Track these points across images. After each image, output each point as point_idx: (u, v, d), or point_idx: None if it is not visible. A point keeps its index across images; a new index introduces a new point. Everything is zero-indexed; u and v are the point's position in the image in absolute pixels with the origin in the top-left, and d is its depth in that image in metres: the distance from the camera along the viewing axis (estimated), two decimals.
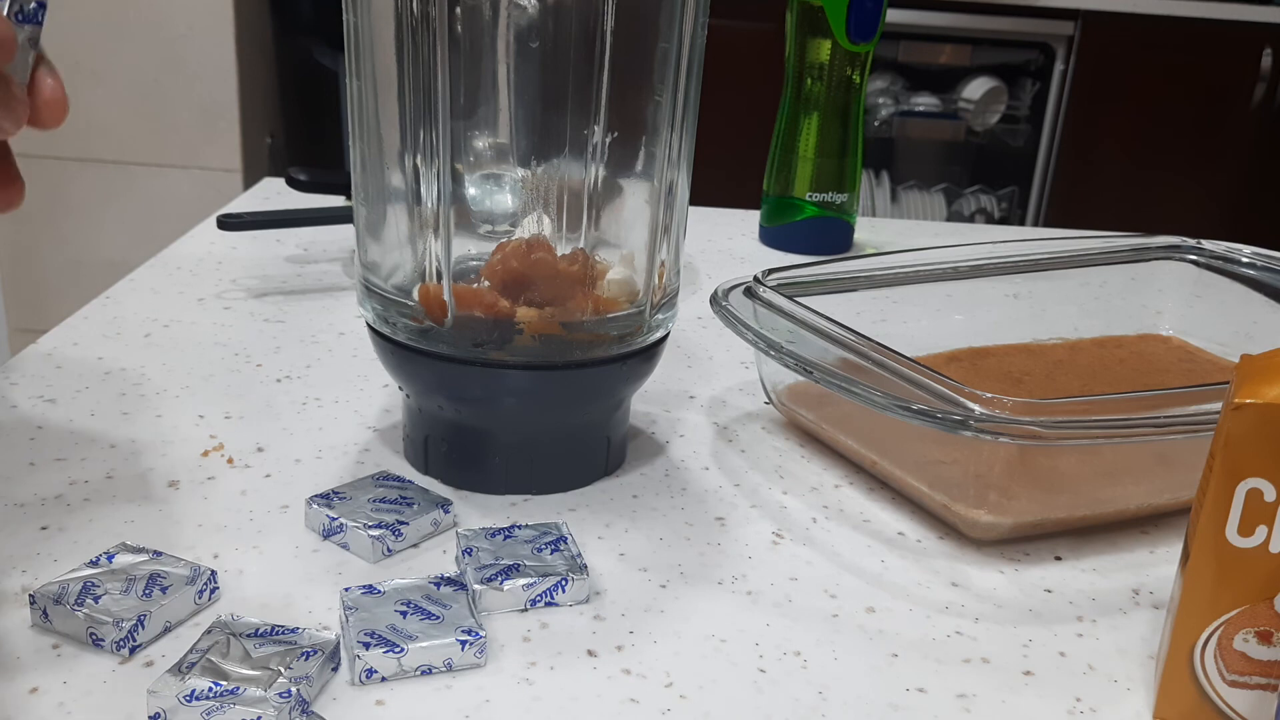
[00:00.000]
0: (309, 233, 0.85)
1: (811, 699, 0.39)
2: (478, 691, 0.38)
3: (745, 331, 0.53)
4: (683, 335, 0.71)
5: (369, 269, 0.50)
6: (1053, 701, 0.39)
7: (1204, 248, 0.71)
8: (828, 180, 0.87)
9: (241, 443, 0.54)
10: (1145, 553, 0.49)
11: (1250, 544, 0.35)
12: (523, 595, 0.42)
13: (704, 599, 0.44)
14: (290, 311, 0.71)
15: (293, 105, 2.37)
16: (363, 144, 0.49)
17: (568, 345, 0.48)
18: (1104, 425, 0.45)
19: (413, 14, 0.44)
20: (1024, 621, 0.44)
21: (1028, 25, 2.40)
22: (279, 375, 0.61)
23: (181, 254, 0.80)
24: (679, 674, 0.39)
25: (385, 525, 0.45)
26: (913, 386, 0.47)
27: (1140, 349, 0.68)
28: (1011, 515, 0.48)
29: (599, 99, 0.46)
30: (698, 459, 0.55)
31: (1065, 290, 0.69)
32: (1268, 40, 2.38)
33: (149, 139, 2.09)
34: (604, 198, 0.49)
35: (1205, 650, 0.36)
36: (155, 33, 2.03)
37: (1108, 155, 2.47)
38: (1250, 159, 2.48)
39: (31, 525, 0.46)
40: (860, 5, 0.82)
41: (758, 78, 1.87)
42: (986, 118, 2.55)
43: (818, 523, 0.50)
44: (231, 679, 0.36)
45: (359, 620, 0.39)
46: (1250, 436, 0.34)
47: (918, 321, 0.64)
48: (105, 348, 0.64)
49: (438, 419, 0.50)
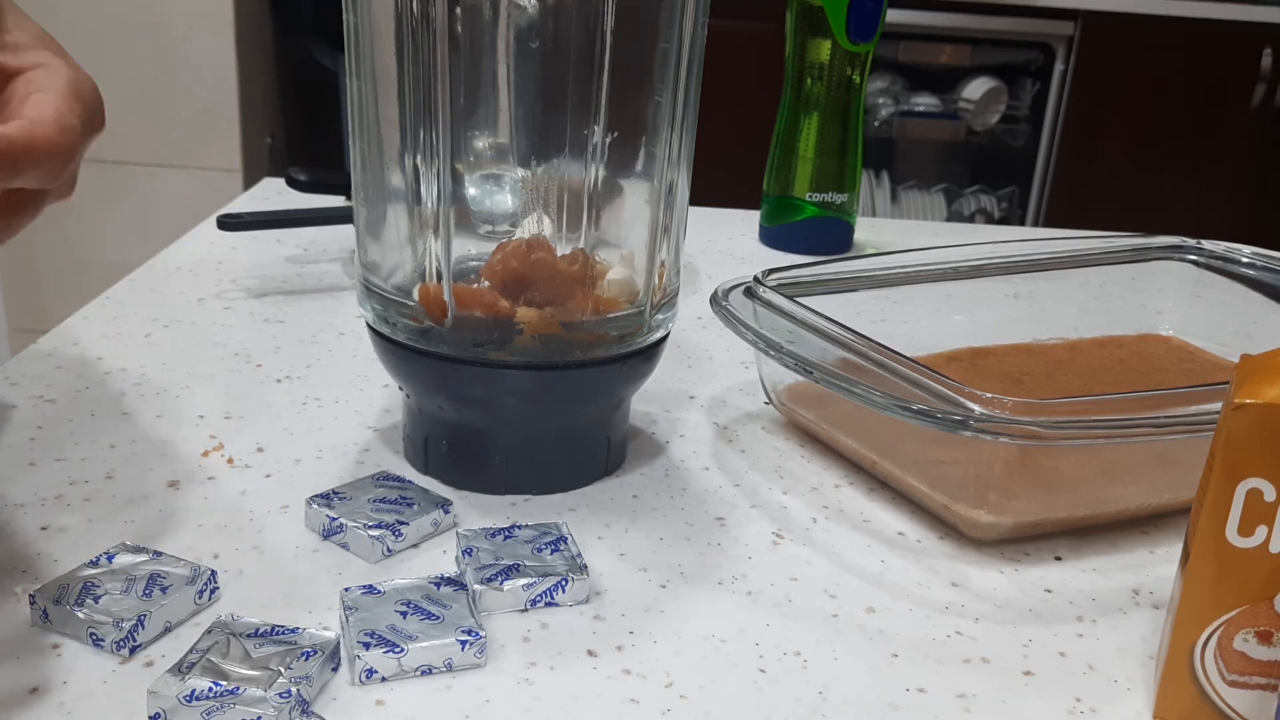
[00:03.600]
0: (309, 233, 0.85)
1: (811, 699, 0.39)
2: (478, 691, 0.38)
3: (745, 331, 0.53)
4: (683, 335, 0.71)
5: (369, 269, 0.50)
6: (1053, 701, 0.39)
7: (1204, 248, 0.71)
8: (828, 180, 0.87)
9: (241, 443, 0.54)
10: (1145, 553, 0.49)
11: (1250, 544, 0.35)
12: (523, 595, 0.42)
13: (704, 599, 0.44)
14: (290, 311, 0.71)
15: (293, 105, 2.37)
16: (363, 144, 0.49)
17: (568, 345, 0.48)
18: (1104, 425, 0.45)
19: (413, 14, 0.44)
20: (1024, 621, 0.44)
21: (1028, 25, 2.40)
22: (279, 375, 0.61)
23: (181, 254, 0.80)
24: (679, 674, 0.39)
25: (385, 525, 0.45)
26: (913, 386, 0.47)
27: (1140, 349, 0.68)
28: (1011, 515, 0.48)
29: (599, 99, 0.46)
30: (698, 459, 0.55)
31: (1065, 290, 0.69)
32: (1268, 40, 2.38)
33: (149, 139, 2.09)
34: (604, 198, 0.49)
35: (1205, 650, 0.36)
36: (155, 33, 2.03)
37: (1108, 155, 2.47)
38: (1250, 159, 2.48)
39: (31, 525, 0.46)
40: (860, 5, 0.82)
41: (758, 78, 1.87)
42: (986, 118, 2.55)
43: (818, 523, 0.50)
44: (231, 679, 0.36)
45: (359, 620, 0.39)
46: (1250, 436, 0.34)
47: (918, 321, 0.64)
48: (105, 348, 0.64)
49: (438, 419, 0.50)
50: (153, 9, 2.02)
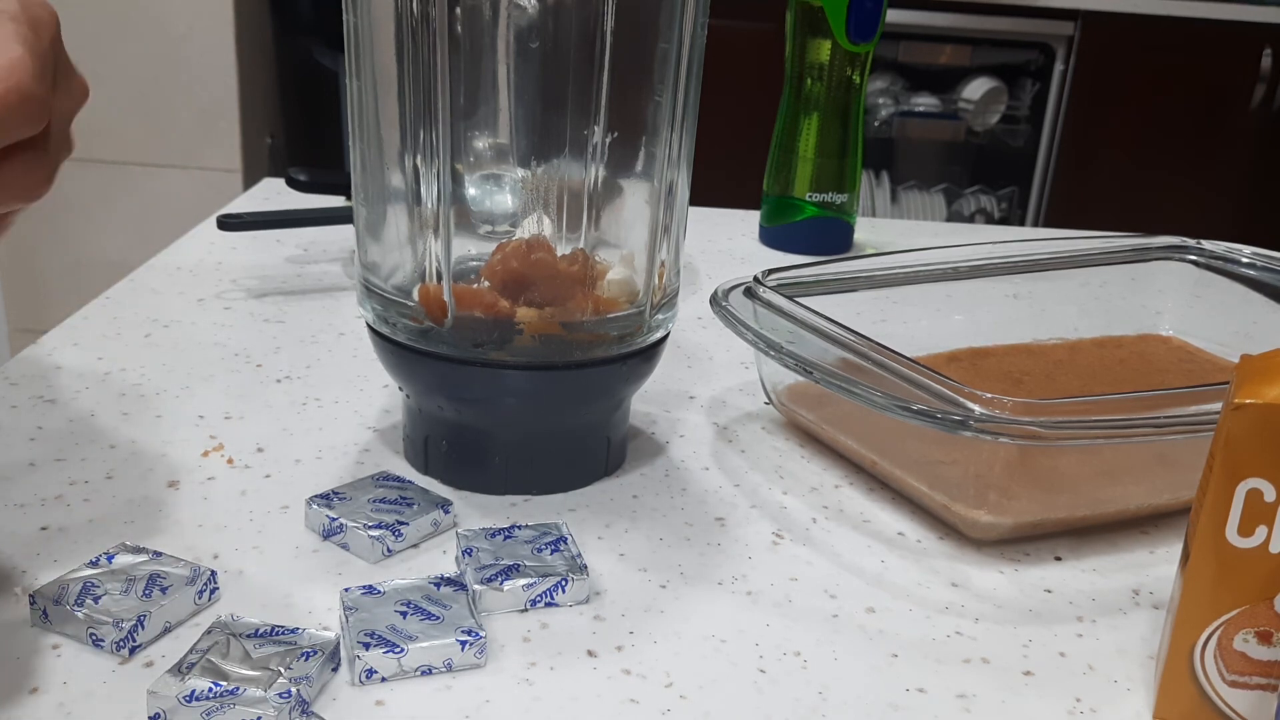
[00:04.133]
0: (309, 233, 0.85)
1: (811, 699, 0.39)
2: (478, 692, 0.38)
3: (745, 331, 0.53)
4: (683, 335, 0.71)
5: (369, 269, 0.50)
6: (1053, 701, 0.39)
7: (1204, 248, 0.71)
8: (828, 180, 0.87)
9: (241, 443, 0.54)
10: (1145, 553, 0.49)
11: (1250, 544, 0.35)
12: (523, 595, 0.42)
13: (704, 599, 0.44)
14: (290, 311, 0.71)
15: (293, 105, 2.37)
16: (363, 144, 0.49)
17: (568, 345, 0.48)
18: (1104, 425, 0.45)
19: (413, 14, 0.44)
20: (1024, 621, 0.44)
21: (1028, 25, 2.40)
22: (279, 375, 0.61)
23: (181, 254, 0.80)
24: (679, 674, 0.39)
25: (385, 525, 0.45)
26: (913, 386, 0.47)
27: (1140, 349, 0.68)
28: (1011, 515, 0.48)
29: (599, 99, 0.46)
30: (698, 459, 0.55)
31: (1065, 290, 0.69)
32: (1268, 40, 2.38)
33: (149, 139, 2.09)
34: (604, 198, 0.49)
35: (1205, 650, 0.36)
36: (155, 33, 2.03)
37: (1108, 155, 2.47)
38: (1250, 159, 2.48)
39: (31, 525, 0.46)
40: (860, 5, 0.82)
41: (758, 78, 1.87)
42: (986, 118, 2.55)
43: (818, 523, 0.50)
44: (231, 679, 0.36)
45: (359, 620, 0.39)
46: (1250, 436, 0.34)
47: (918, 321, 0.64)
48: (105, 348, 0.64)
49: (438, 419, 0.50)
50: (153, 9, 2.02)
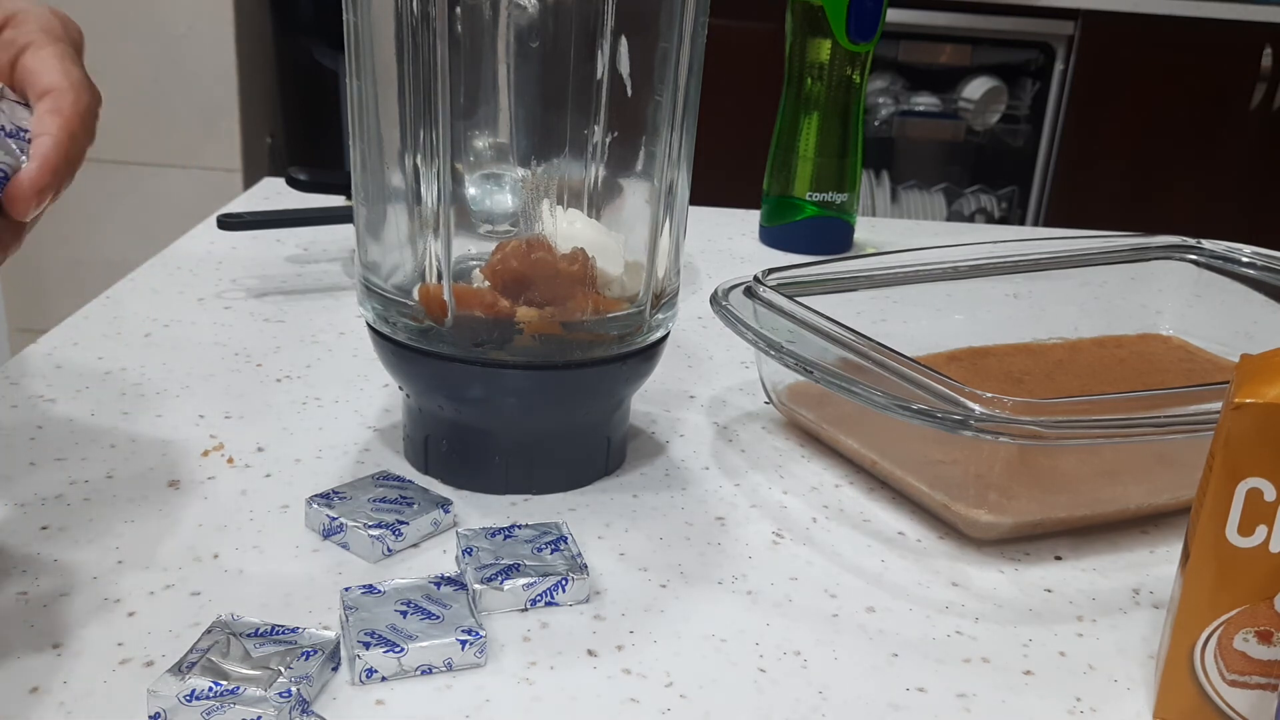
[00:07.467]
0: (309, 233, 0.85)
1: (811, 699, 0.39)
2: (478, 691, 0.38)
3: (745, 331, 0.53)
4: (683, 335, 0.71)
5: (369, 269, 0.50)
6: (1053, 701, 0.39)
7: (1204, 248, 0.71)
8: (828, 180, 0.87)
9: (241, 443, 0.54)
10: (1145, 553, 0.49)
11: (1250, 544, 0.35)
12: (523, 595, 0.42)
13: (704, 599, 0.44)
14: (290, 311, 0.71)
15: (293, 105, 2.37)
16: (363, 144, 0.49)
17: (568, 345, 0.48)
18: (1104, 425, 0.45)
19: (413, 14, 0.44)
20: (1024, 621, 0.44)
21: (1028, 25, 2.40)
22: (279, 375, 0.61)
23: (181, 254, 0.80)
24: (679, 674, 0.39)
25: (385, 525, 0.45)
26: (913, 386, 0.47)
27: (1140, 349, 0.68)
28: (1011, 515, 0.48)
29: (599, 99, 0.46)
30: (698, 459, 0.55)
31: (1065, 290, 0.69)
32: (1268, 40, 2.38)
33: (149, 139, 2.09)
34: (604, 198, 0.49)
35: (1205, 650, 0.36)
36: (155, 33, 2.03)
37: (1108, 155, 2.46)
38: (1250, 158, 2.47)
39: (31, 525, 0.46)
40: (860, 5, 0.82)
41: (758, 78, 1.87)
42: (986, 118, 2.55)
43: (818, 523, 0.50)
44: (231, 679, 0.36)
45: (359, 620, 0.39)
46: (1250, 436, 0.34)
47: (918, 321, 0.64)
48: (105, 348, 0.64)
49: (438, 419, 0.50)
50: (153, 9, 2.02)
